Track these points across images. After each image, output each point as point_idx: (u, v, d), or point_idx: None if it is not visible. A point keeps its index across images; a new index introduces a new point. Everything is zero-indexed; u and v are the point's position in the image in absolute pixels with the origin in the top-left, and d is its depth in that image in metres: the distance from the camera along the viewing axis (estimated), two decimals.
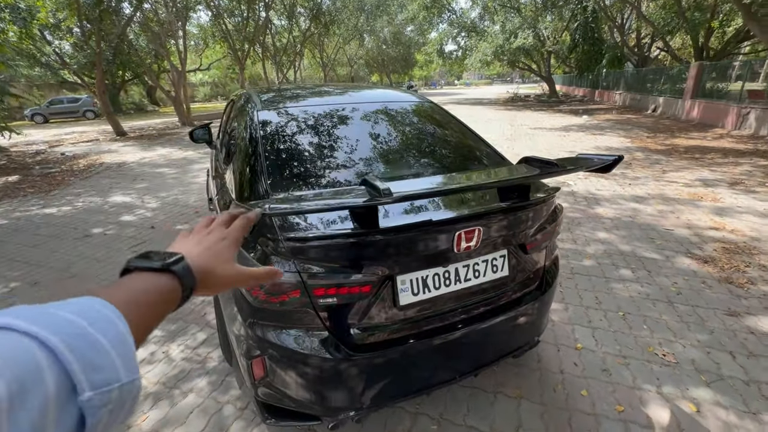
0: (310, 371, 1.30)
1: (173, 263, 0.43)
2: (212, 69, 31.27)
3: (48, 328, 0.28)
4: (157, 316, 0.39)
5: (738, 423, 1.70)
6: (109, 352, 0.30)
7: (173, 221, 4.42)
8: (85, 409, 0.27)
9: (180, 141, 11.38)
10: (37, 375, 0.26)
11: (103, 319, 0.32)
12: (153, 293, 0.39)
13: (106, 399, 0.29)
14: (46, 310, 0.30)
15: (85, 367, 0.28)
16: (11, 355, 0.25)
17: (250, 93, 2.34)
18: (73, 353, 0.28)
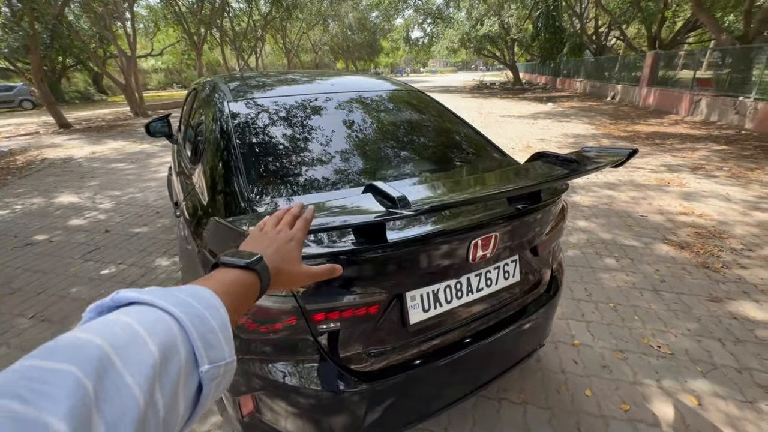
0: (310, 406, 1.13)
1: (255, 262, 0.48)
2: (165, 55, 29.25)
3: (179, 309, 0.33)
4: (242, 306, 0.45)
5: (738, 414, 1.70)
6: (218, 334, 0.35)
7: (131, 224, 4.01)
8: (203, 380, 0.33)
9: (134, 133, 10.53)
10: (174, 346, 0.31)
11: (212, 305, 0.37)
12: (240, 287, 0.45)
13: (216, 373, 0.34)
14: (173, 292, 0.36)
15: (204, 344, 0.33)
16: (159, 327, 0.31)
17: (216, 81, 2.06)
18: (197, 331, 0.33)
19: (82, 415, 0.23)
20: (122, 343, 0.28)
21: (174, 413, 0.30)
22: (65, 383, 0.23)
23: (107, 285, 2.86)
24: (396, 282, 1.10)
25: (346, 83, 2.13)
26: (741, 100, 8.66)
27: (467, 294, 1.26)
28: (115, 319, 0.31)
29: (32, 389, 0.22)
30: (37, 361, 0.25)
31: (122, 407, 0.25)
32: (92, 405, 0.24)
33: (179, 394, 0.31)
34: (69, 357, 0.25)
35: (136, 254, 3.33)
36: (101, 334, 0.28)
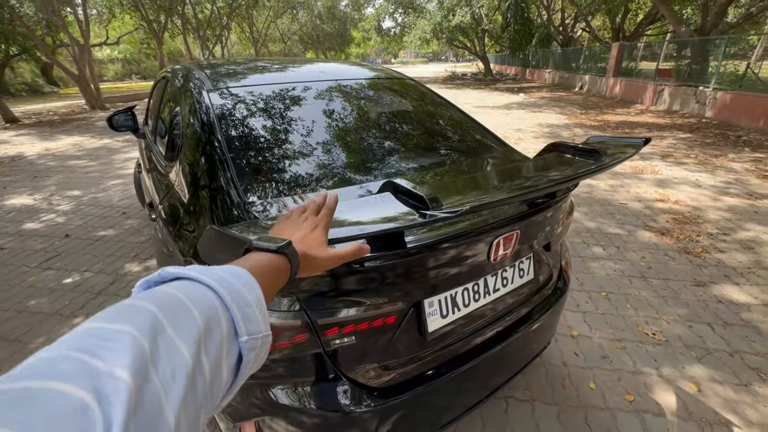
0: (321, 429, 1.01)
1: (285, 246, 0.51)
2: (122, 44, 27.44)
3: (220, 284, 0.36)
4: (274, 287, 0.48)
5: (736, 398, 1.74)
6: (254, 309, 0.38)
7: (94, 226, 3.70)
8: (243, 349, 0.36)
9: (92, 127, 9.82)
10: (217, 317, 0.34)
11: (248, 283, 0.40)
12: (272, 269, 0.48)
13: (254, 344, 0.37)
14: (214, 270, 0.39)
15: (243, 317, 0.36)
16: (202, 299, 0.34)
17: (190, 68, 1.86)
18: (236, 305, 0.36)
19: (141, 369, 0.26)
20: (171, 311, 0.31)
21: (218, 378, 0.33)
22: (126, 341, 0.26)
23: (71, 296, 2.60)
24: (415, 289, 1.00)
25: (333, 70, 1.98)
26: (701, 90, 9.08)
27: (485, 296, 1.18)
28: (164, 290, 0.34)
29: (99, 345, 0.25)
30: (100, 323, 0.28)
31: (173, 366, 0.28)
32: (149, 361, 0.27)
33: (223, 360, 0.34)
34: (127, 320, 0.28)
35: (102, 260, 3.06)
36: (153, 302, 0.31)
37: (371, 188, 1.18)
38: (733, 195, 4.15)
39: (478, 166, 1.44)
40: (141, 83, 28.76)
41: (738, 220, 3.54)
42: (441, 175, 1.32)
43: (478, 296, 1.17)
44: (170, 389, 0.27)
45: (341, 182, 1.22)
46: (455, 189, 0.90)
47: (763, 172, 4.90)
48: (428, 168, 1.39)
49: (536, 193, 0.88)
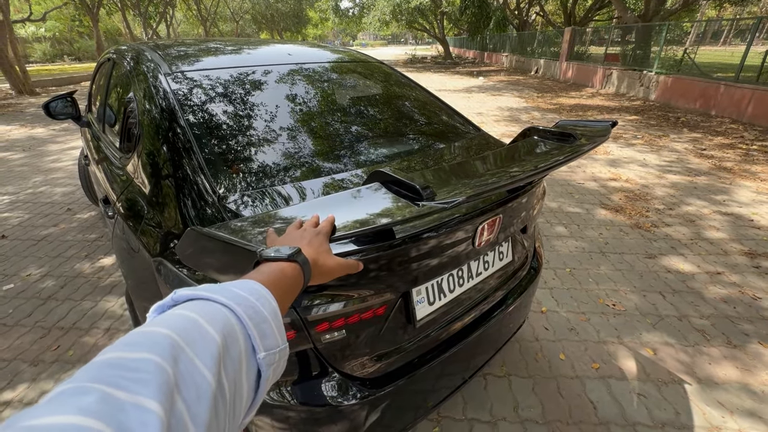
0: (315, 423, 1.00)
1: (296, 254, 0.50)
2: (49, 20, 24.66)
3: (234, 301, 0.35)
4: (289, 296, 0.47)
5: (687, 359, 1.91)
6: (271, 323, 0.37)
7: (35, 225, 3.36)
8: (261, 365, 0.35)
9: (20, 115, 8.83)
10: (234, 334, 0.33)
11: (263, 297, 0.39)
12: (285, 278, 0.47)
13: (272, 359, 0.36)
14: (227, 287, 0.38)
15: (259, 333, 0.35)
16: (218, 318, 0.33)
17: (141, 49, 1.70)
18: (251, 322, 0.35)
19: (167, 396, 0.25)
20: (188, 332, 0.30)
21: (239, 396, 0.33)
22: (150, 368, 0.25)
23: (16, 302, 2.36)
24: (404, 278, 0.99)
25: (302, 53, 1.89)
26: (645, 74, 9.68)
27: (468, 280, 1.20)
28: (177, 313, 0.33)
29: (123, 376, 0.24)
30: (119, 353, 0.26)
31: (197, 388, 0.27)
32: (173, 386, 0.26)
33: (242, 378, 0.33)
34: (147, 347, 0.27)
35: (48, 261, 2.80)
36: (167, 325, 0.30)
37: (352, 178, 1.15)
38: (675, 173, 4.50)
39: (459, 153, 1.44)
40: (75, 65, 26.10)
41: (681, 195, 3.86)
42: (421, 161, 1.31)
43: (462, 281, 1.18)
44: (196, 413, 0.26)
45: (323, 171, 1.18)
46: (445, 177, 0.89)
47: (700, 151, 5.35)
48: (406, 154, 1.37)
49: (530, 178, 0.89)
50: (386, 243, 0.88)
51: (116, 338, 1.92)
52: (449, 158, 1.38)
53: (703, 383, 1.78)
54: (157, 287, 1.04)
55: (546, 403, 1.69)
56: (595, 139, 1.12)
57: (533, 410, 1.66)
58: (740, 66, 7.14)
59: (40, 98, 11.43)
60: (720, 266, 2.68)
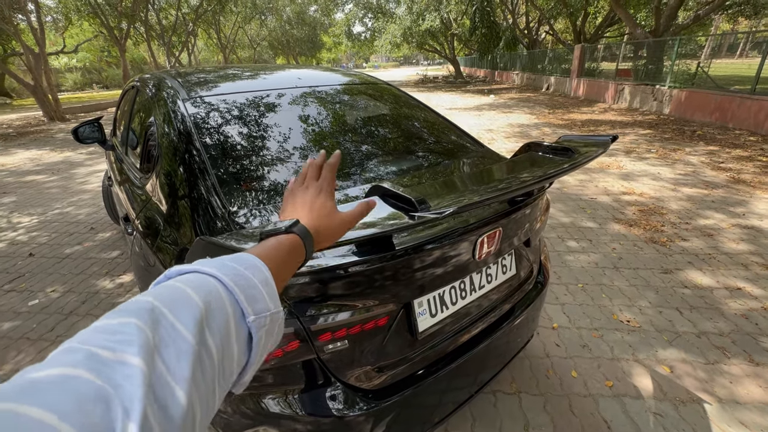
0: None
1: (292, 226, 0.53)
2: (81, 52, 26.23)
3: (221, 271, 0.38)
4: (289, 266, 0.50)
5: (705, 376, 1.85)
6: (260, 289, 0.40)
7: (61, 244, 3.52)
8: (251, 328, 0.38)
9: (51, 140, 9.32)
10: (220, 301, 0.36)
11: (252, 265, 0.42)
12: (282, 250, 0.50)
13: (262, 322, 0.39)
14: (220, 260, 0.41)
15: (247, 298, 0.38)
16: (202, 285, 0.36)
17: (162, 77, 1.82)
18: (238, 287, 0.38)
19: (149, 353, 0.27)
20: (170, 299, 0.33)
21: (229, 357, 0.35)
22: (131, 330, 0.28)
23: (39, 318, 2.46)
24: (404, 290, 1.02)
25: (311, 76, 1.98)
26: (658, 88, 9.61)
27: (470, 293, 1.21)
28: (166, 284, 0.36)
29: (108, 339, 0.27)
30: (105, 321, 0.30)
31: (177, 349, 0.30)
32: (153, 347, 0.28)
33: (232, 340, 0.35)
34: (129, 313, 0.30)
35: (72, 279, 2.91)
36: (152, 295, 0.33)
37: (356, 192, 1.19)
38: (691, 186, 4.42)
39: (459, 168, 1.48)
40: (103, 93, 27.57)
41: (697, 209, 3.77)
42: (424, 177, 1.35)
43: (464, 294, 1.20)
44: (175, 370, 0.28)
45: None
46: (441, 190, 0.92)
47: (717, 163, 5.24)
48: (410, 170, 1.42)
49: (518, 191, 0.92)
50: (386, 254, 0.91)
51: None
52: (450, 173, 1.42)
53: (724, 402, 1.71)
54: None
55: (558, 421, 1.66)
56: (592, 153, 1.14)
57: (544, 429, 1.63)
58: (756, 78, 7.03)
59: (69, 124, 12.06)
60: (740, 280, 2.59)
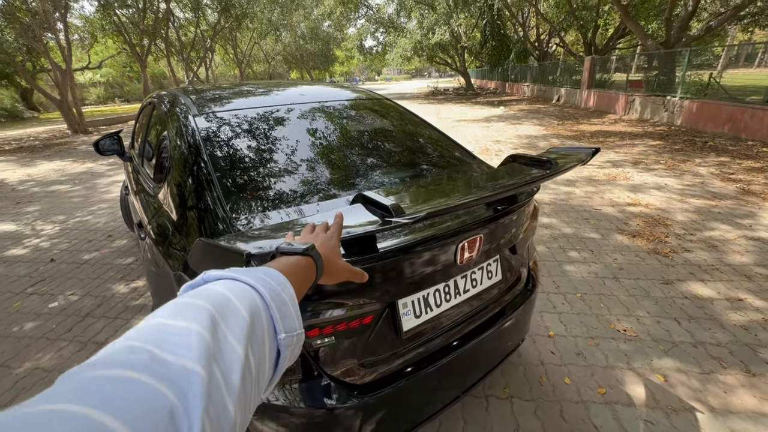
0: (305, 426, 1.09)
1: (311, 249, 0.55)
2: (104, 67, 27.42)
3: (260, 283, 0.39)
4: (303, 288, 0.50)
5: (699, 386, 1.86)
6: (290, 308, 0.41)
7: (80, 250, 3.70)
8: (280, 346, 0.38)
9: (74, 151, 9.75)
10: (259, 315, 0.36)
11: (282, 283, 0.42)
12: (300, 269, 0.51)
13: (290, 341, 0.39)
14: (252, 270, 0.41)
15: (280, 315, 0.39)
16: (246, 297, 0.36)
17: (176, 94, 1.97)
18: (274, 303, 0.39)
19: (208, 362, 0.27)
20: (222, 308, 0.33)
21: (262, 372, 0.35)
22: (193, 336, 0.28)
23: (58, 319, 2.61)
24: (388, 290, 1.09)
25: (313, 93, 2.11)
26: (669, 99, 9.56)
27: (455, 296, 1.28)
28: (212, 288, 0.36)
29: (169, 341, 0.27)
30: (165, 320, 0.30)
31: (230, 360, 0.30)
32: (212, 355, 0.28)
33: (266, 355, 0.35)
34: (190, 317, 0.30)
35: (89, 283, 3.07)
36: (206, 299, 0.33)
37: (345, 198, 1.29)
38: (698, 197, 4.39)
39: (445, 177, 1.56)
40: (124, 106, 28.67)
41: (703, 220, 3.75)
42: (411, 186, 1.44)
43: (449, 297, 1.27)
44: (229, 382, 0.28)
45: (320, 197, 1.33)
46: (420, 198, 1.01)
47: (727, 175, 5.19)
48: (402, 180, 1.51)
49: (487, 199, 1.00)
50: (370, 256, 0.99)
51: None
52: (434, 182, 1.51)
53: (717, 412, 1.72)
54: None
55: (548, 426, 1.69)
56: (570, 164, 1.22)
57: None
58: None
59: (91, 136, 12.57)
60: (743, 292, 2.58)
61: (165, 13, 17.78)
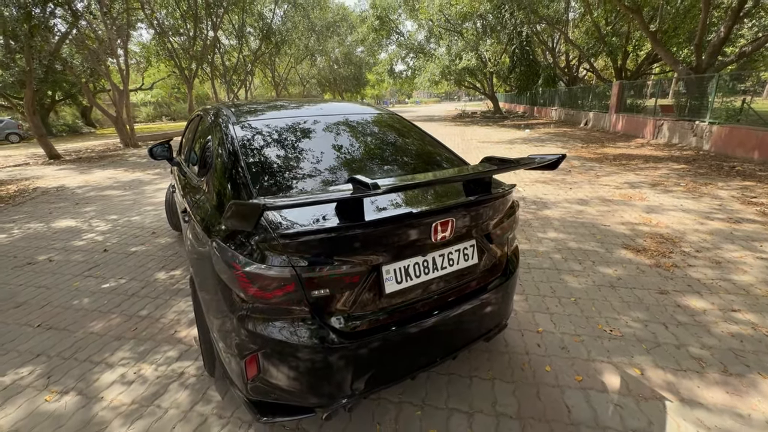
0: (304, 362, 1.37)
1: None
2: (155, 88, 29.94)
3: None
4: None
5: (673, 380, 1.98)
6: None
7: (128, 243, 4.21)
8: None
9: (125, 162, 10.75)
10: None
11: None
12: None
13: None
14: None
15: None
16: None
17: (220, 107, 2.39)
18: None
19: None
20: None
21: None
22: None
23: (109, 297, 3.04)
24: (374, 256, 1.38)
25: (332, 108, 2.48)
26: (698, 124, 9.42)
27: (433, 271, 1.55)
28: None
29: None
30: None
31: None
32: None
33: None
34: None
35: (135, 270, 3.52)
36: None
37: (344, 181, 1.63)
38: (715, 219, 4.39)
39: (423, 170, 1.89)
40: (170, 124, 30.96)
41: (714, 240, 3.79)
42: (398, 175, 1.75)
43: (427, 270, 1.53)
44: None
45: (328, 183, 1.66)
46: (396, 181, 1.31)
47: (748, 198, 5.13)
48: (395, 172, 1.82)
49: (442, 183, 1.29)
50: (358, 223, 1.29)
51: (179, 325, 2.45)
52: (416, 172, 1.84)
53: (686, 402, 1.84)
54: (211, 265, 1.52)
55: (523, 403, 1.87)
56: (529, 164, 1.49)
57: (510, 408, 1.85)
58: None
59: (141, 150, 13.75)
60: (738, 305, 2.65)
61: (212, 40, 19.39)
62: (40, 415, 1.89)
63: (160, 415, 1.87)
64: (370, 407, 1.87)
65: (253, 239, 1.34)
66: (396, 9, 25.92)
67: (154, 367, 2.21)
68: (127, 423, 1.83)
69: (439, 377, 2.05)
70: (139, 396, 2.00)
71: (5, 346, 2.46)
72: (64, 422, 1.84)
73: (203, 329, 1.86)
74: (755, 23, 16.94)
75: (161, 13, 17.51)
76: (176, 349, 2.36)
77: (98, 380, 2.12)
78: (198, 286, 1.82)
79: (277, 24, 23.43)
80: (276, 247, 1.29)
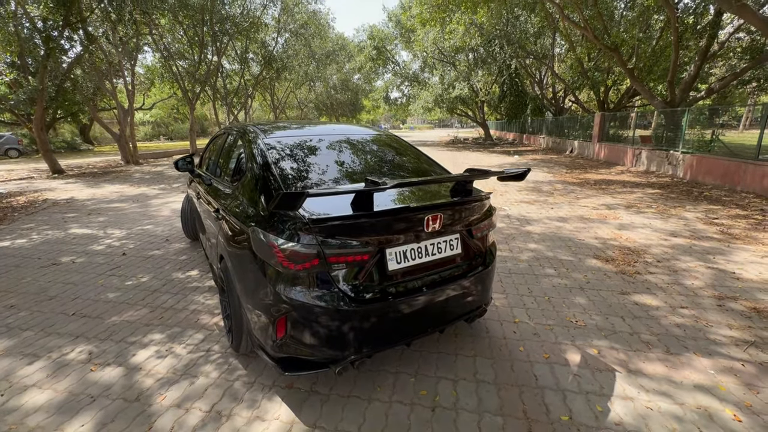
0: (324, 322, 1.76)
1: None
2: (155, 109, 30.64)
3: None
4: None
5: (624, 358, 2.38)
6: None
7: (145, 248, 4.55)
8: None
9: (130, 178, 11.11)
10: None
11: None
12: None
13: None
14: None
15: None
16: None
17: (246, 126, 2.84)
18: None
19: None
20: None
21: None
22: None
23: (133, 292, 3.37)
24: (380, 241, 1.80)
25: (342, 129, 2.96)
26: (672, 153, 10.16)
27: (425, 256, 1.96)
28: None
29: None
30: None
31: None
32: None
33: None
34: None
35: (154, 270, 3.86)
36: None
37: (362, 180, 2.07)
38: (678, 236, 4.89)
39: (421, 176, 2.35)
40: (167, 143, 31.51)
41: (674, 253, 4.26)
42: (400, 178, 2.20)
43: (420, 255, 1.95)
44: None
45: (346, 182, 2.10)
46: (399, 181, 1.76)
47: (711, 219, 5.67)
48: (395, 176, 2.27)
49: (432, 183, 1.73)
50: (368, 212, 1.72)
51: (201, 314, 2.80)
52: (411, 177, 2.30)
53: (632, 373, 2.24)
54: (248, 248, 1.92)
55: (499, 373, 2.25)
56: (498, 174, 1.95)
57: (488, 376, 2.23)
58: (758, 146, 7.52)
59: (142, 167, 14.13)
60: (686, 303, 3.08)
61: (216, 64, 20.21)
62: (89, 381, 2.22)
63: (193, 381, 2.20)
64: (371, 376, 2.23)
65: (287, 224, 1.75)
66: (392, 40, 27.36)
67: (183, 346, 2.54)
68: (165, 386, 2.16)
69: (430, 354, 2.42)
70: (173, 367, 2.33)
71: (46, 330, 2.78)
72: (111, 386, 2.17)
73: (234, 309, 2.22)
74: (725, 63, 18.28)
75: (169, 37, 18.34)
76: (201, 333, 2.70)
77: (135, 356, 2.45)
78: (232, 268, 2.20)
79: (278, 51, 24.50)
80: (306, 230, 1.70)
